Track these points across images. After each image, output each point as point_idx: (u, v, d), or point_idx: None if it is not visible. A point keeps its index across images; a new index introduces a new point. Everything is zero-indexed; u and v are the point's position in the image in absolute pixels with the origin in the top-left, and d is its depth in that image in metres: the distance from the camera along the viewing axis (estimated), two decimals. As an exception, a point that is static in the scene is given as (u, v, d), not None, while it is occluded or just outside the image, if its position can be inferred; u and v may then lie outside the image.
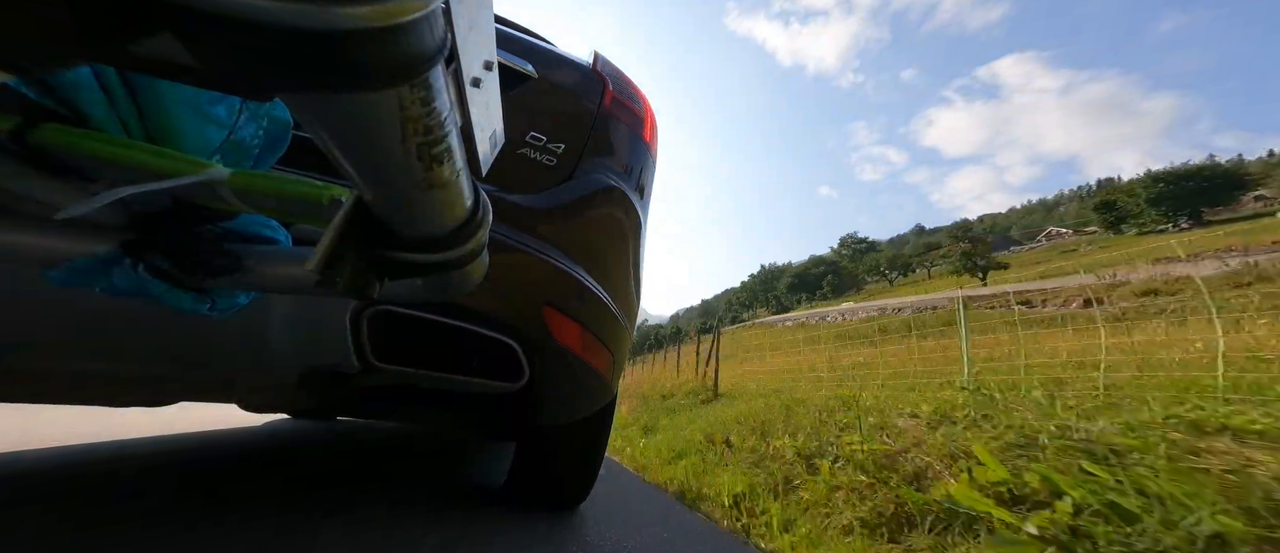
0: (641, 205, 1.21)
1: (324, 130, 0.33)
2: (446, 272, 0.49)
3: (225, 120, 0.47)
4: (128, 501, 1.27)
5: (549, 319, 0.90)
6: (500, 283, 0.82)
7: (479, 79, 0.39)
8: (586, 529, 1.39)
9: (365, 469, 1.94)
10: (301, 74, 0.24)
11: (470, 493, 1.67)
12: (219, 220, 0.54)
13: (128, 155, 0.41)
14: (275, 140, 0.53)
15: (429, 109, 0.30)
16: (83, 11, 0.22)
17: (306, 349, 0.87)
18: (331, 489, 1.54)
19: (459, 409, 1.38)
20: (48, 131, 0.39)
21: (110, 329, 0.76)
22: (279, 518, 1.21)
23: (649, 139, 1.27)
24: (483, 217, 0.48)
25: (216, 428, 2.86)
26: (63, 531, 1.03)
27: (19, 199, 0.45)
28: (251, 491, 1.46)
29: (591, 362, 0.99)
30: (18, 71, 0.27)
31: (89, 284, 0.50)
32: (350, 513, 1.29)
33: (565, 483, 1.52)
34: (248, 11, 0.21)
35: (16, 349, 0.79)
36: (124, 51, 0.25)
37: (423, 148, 0.33)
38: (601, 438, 1.45)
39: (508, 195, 0.94)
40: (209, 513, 1.21)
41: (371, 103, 0.28)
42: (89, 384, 1.03)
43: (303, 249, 0.53)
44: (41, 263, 0.49)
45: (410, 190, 0.37)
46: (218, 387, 1.18)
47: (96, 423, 2.56)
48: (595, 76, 1.18)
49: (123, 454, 1.93)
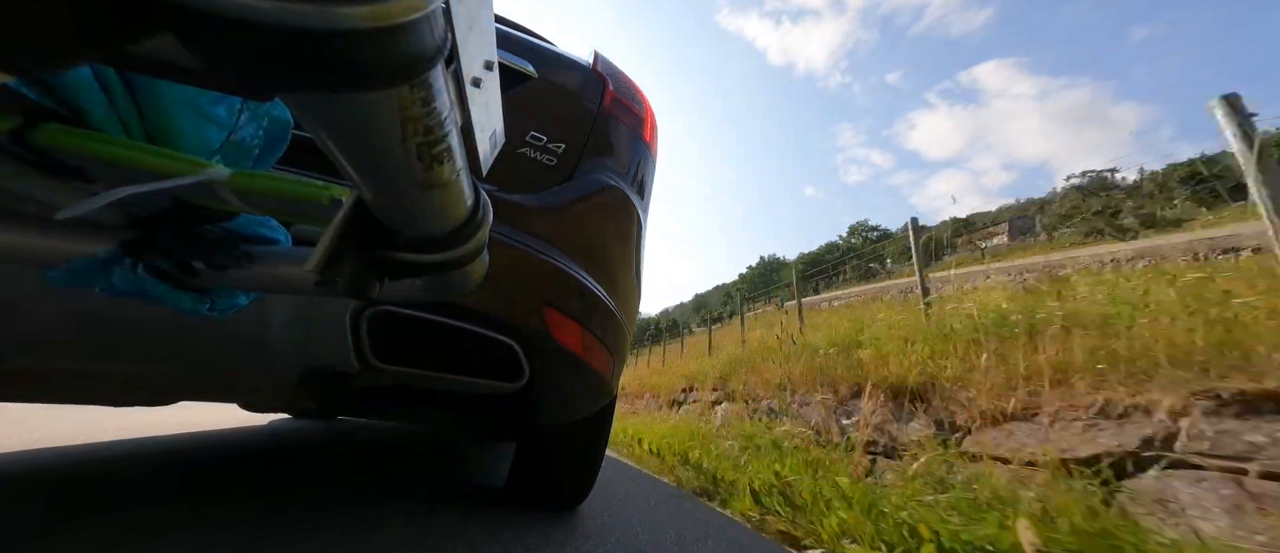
0: (641, 205, 1.21)
1: (324, 130, 0.33)
2: (446, 272, 0.49)
3: (225, 120, 0.47)
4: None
5: (549, 319, 0.90)
6: (500, 283, 0.82)
7: (479, 79, 0.39)
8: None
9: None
10: (302, 74, 0.24)
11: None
12: (219, 220, 0.54)
13: (128, 155, 0.41)
14: (275, 140, 0.53)
15: (429, 109, 0.30)
16: (83, 11, 0.22)
17: (306, 349, 0.87)
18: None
19: (459, 409, 1.39)
20: (48, 132, 0.39)
21: (110, 329, 0.76)
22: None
23: (649, 139, 1.27)
24: (483, 217, 0.48)
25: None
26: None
27: (19, 199, 0.45)
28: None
29: (592, 362, 0.99)
30: (18, 71, 0.27)
31: (89, 284, 0.50)
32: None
33: (565, 483, 1.52)
34: (248, 12, 0.21)
35: (17, 349, 0.79)
36: (124, 52, 0.25)
37: (423, 148, 0.33)
38: (602, 438, 1.45)
39: (508, 195, 0.94)
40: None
41: (371, 103, 0.28)
42: (89, 384, 1.03)
43: (303, 249, 0.53)
44: (41, 263, 0.49)
45: (410, 190, 0.37)
46: (218, 387, 1.19)
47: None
48: (595, 76, 1.18)
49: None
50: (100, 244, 0.49)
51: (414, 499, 1.49)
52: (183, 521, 1.14)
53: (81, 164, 0.42)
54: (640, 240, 1.21)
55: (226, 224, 0.55)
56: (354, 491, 1.54)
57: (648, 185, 1.27)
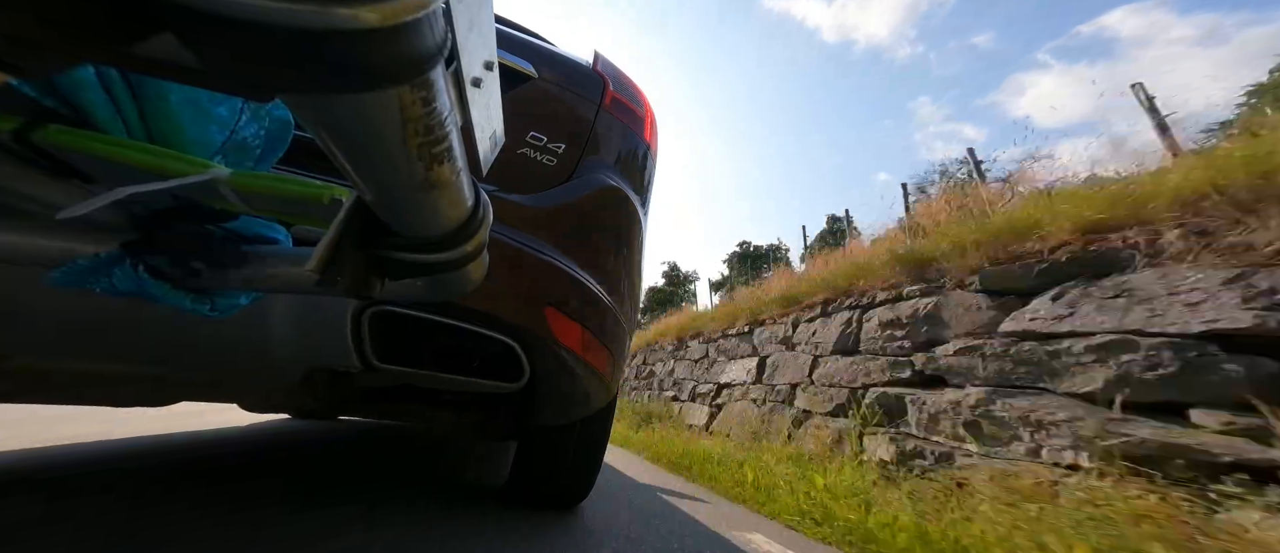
0: (642, 205, 1.21)
1: (324, 131, 0.33)
2: (447, 272, 0.50)
3: (227, 120, 0.47)
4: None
5: (550, 319, 0.90)
6: (501, 283, 0.82)
7: (479, 79, 0.39)
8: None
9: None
10: (302, 74, 0.24)
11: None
12: (220, 220, 0.54)
13: (129, 155, 0.41)
14: (276, 140, 0.54)
15: (429, 109, 0.30)
16: (84, 12, 0.22)
17: (307, 350, 0.87)
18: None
19: (459, 409, 1.39)
20: (49, 132, 0.39)
21: (110, 329, 0.76)
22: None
23: (649, 138, 1.27)
24: (483, 217, 0.48)
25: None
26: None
27: (20, 199, 0.45)
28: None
29: (592, 362, 0.99)
30: (18, 72, 0.27)
31: (89, 284, 0.50)
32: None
33: (566, 483, 1.52)
34: (249, 12, 0.21)
35: (17, 349, 0.79)
36: (125, 52, 0.25)
37: (423, 148, 0.33)
38: (602, 438, 1.45)
39: (508, 195, 0.94)
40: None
41: (372, 103, 0.28)
42: (89, 384, 1.03)
43: (303, 249, 0.53)
44: (41, 263, 0.49)
45: (411, 190, 0.38)
46: (218, 387, 1.19)
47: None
48: (595, 76, 1.18)
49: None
50: (100, 244, 0.50)
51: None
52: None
53: (83, 164, 0.42)
54: (640, 240, 1.22)
55: (227, 224, 0.55)
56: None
57: (648, 185, 1.27)
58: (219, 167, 0.43)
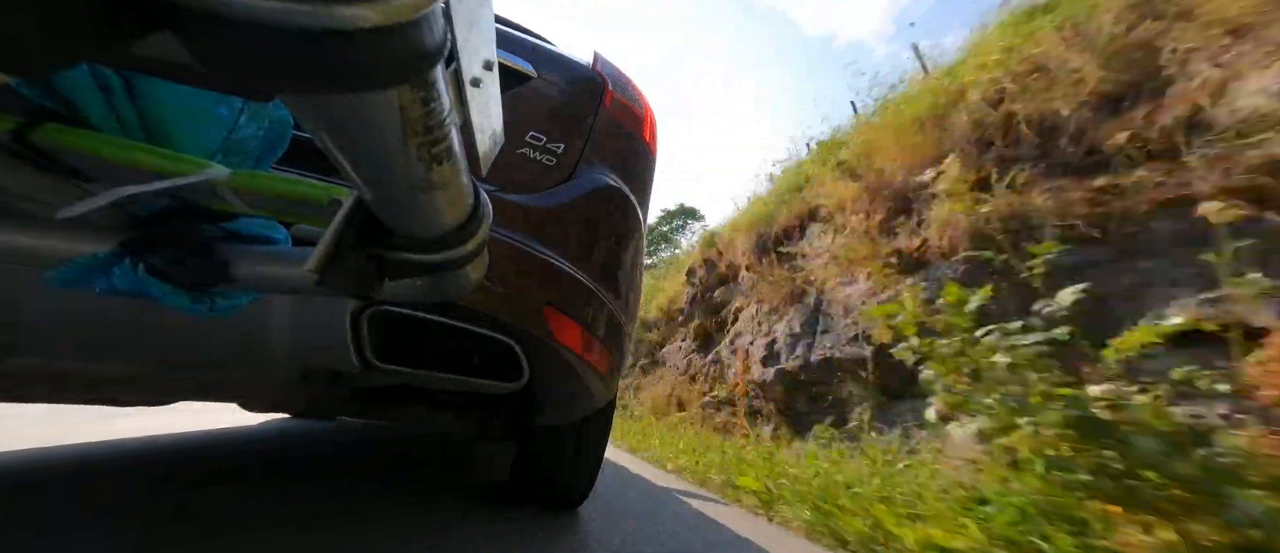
0: (642, 205, 1.21)
1: (324, 130, 0.33)
2: (447, 271, 0.50)
3: (226, 120, 0.47)
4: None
5: (549, 319, 0.90)
6: (500, 283, 0.82)
7: (479, 79, 0.39)
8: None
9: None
10: (302, 74, 0.24)
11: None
12: (219, 220, 0.54)
13: (128, 155, 0.41)
14: (275, 140, 0.54)
15: (429, 109, 0.30)
16: (83, 11, 0.22)
17: (307, 350, 0.87)
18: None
19: (459, 409, 1.39)
20: (48, 132, 0.39)
21: (110, 329, 0.76)
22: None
23: (649, 139, 1.27)
24: (483, 216, 0.48)
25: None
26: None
27: (19, 199, 0.45)
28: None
29: (592, 362, 0.99)
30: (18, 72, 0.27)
31: (89, 284, 0.50)
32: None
33: (566, 483, 1.52)
34: (248, 11, 0.21)
35: (17, 349, 0.79)
36: (124, 52, 0.25)
37: (423, 148, 0.33)
38: (602, 437, 1.45)
39: (508, 195, 0.94)
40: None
41: (372, 103, 0.28)
42: (89, 384, 1.03)
43: (303, 249, 0.53)
44: (41, 263, 0.49)
45: (410, 190, 0.37)
46: (218, 387, 1.19)
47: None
48: (595, 76, 1.18)
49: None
50: (100, 244, 0.49)
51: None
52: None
53: (81, 164, 0.42)
54: (640, 240, 1.21)
55: (227, 224, 0.55)
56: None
57: (648, 185, 1.27)
58: (218, 167, 0.43)
